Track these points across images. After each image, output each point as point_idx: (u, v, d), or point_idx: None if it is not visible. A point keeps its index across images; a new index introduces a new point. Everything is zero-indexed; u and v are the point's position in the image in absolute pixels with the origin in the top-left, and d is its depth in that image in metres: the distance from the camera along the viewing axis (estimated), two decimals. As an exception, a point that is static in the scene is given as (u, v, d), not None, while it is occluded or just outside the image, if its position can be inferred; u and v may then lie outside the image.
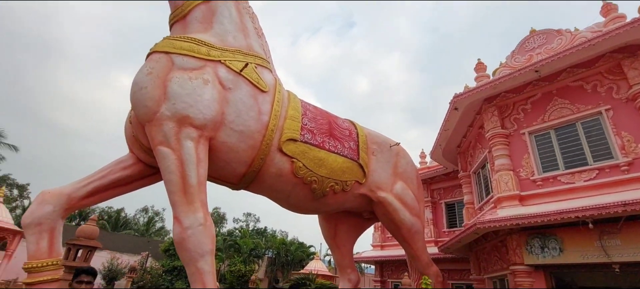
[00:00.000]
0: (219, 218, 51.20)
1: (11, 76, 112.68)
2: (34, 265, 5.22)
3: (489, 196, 10.05)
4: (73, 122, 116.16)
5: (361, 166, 7.74)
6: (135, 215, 52.36)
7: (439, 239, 14.92)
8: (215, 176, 6.58)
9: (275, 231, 44.13)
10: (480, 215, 9.97)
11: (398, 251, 16.22)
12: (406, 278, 7.29)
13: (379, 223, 18.23)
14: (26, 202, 34.11)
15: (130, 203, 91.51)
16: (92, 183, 5.99)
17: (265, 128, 6.16)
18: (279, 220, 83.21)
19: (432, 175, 15.75)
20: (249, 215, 52.34)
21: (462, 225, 12.35)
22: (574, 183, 7.93)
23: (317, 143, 7.24)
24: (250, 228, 42.28)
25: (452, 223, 15.30)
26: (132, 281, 18.99)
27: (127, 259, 18.12)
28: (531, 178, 8.60)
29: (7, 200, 31.10)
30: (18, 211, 31.47)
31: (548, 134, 8.83)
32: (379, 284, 17.21)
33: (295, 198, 7.19)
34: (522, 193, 8.48)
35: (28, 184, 33.54)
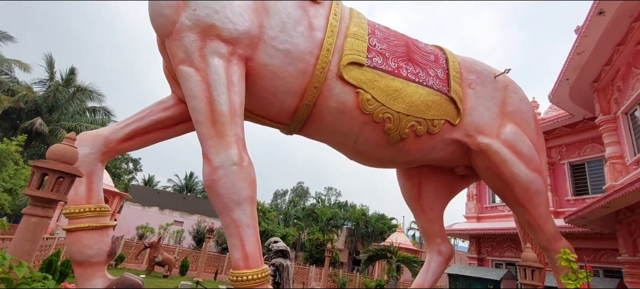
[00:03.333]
0: (302, 192, 52.49)
1: (127, 69, 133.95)
2: (73, 210, 4.64)
3: (658, 142, 6.71)
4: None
5: (453, 102, 5.73)
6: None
7: (560, 209, 11.49)
8: (261, 114, 5.30)
9: (355, 205, 43.20)
10: (643, 168, 6.73)
11: (500, 224, 13.31)
12: (529, 251, 5.00)
13: (474, 191, 15.32)
14: (140, 174, 39.63)
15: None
16: (131, 124, 5.27)
17: (318, 47, 4.66)
18: (360, 194, 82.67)
19: (549, 127, 12.11)
20: (330, 189, 52.39)
21: (603, 188, 8.96)
22: None
23: (390, 69, 5.46)
24: (332, 202, 41.96)
25: (580, 189, 11.65)
26: (216, 242, 20.06)
27: (214, 222, 19.17)
28: None
29: (126, 172, 36.46)
30: (134, 182, 36.73)
31: None
32: (475, 263, 14.53)
33: (364, 143, 5.57)
34: None
35: (140, 158, 38.76)
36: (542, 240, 5.97)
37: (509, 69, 6.70)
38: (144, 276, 12.07)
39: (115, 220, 22.33)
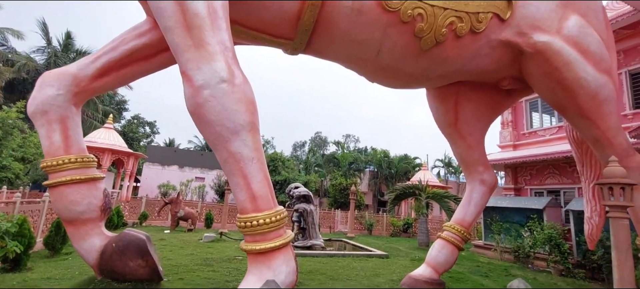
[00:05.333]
0: (321, 141, 52.11)
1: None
2: (50, 163, 3.77)
3: None
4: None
5: None
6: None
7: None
8: (255, 26, 4.15)
9: (376, 149, 42.60)
10: None
11: (541, 149, 12.08)
12: (615, 164, 3.88)
13: (510, 117, 13.91)
14: (159, 138, 39.92)
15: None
16: (102, 57, 4.24)
17: None
18: (378, 139, 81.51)
19: (605, 31, 10.27)
20: (348, 136, 51.60)
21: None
22: None
23: (419, -53, 4.13)
24: (351, 148, 41.34)
25: (641, 101, 10.06)
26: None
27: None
28: None
29: (143, 136, 36.65)
30: (153, 144, 37.05)
31: None
32: (511, 193, 13.57)
33: (388, 53, 4.42)
34: None
35: (155, 121, 38.76)
36: (613, 155, 4.85)
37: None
38: (168, 231, 11.91)
39: (138, 180, 22.52)
